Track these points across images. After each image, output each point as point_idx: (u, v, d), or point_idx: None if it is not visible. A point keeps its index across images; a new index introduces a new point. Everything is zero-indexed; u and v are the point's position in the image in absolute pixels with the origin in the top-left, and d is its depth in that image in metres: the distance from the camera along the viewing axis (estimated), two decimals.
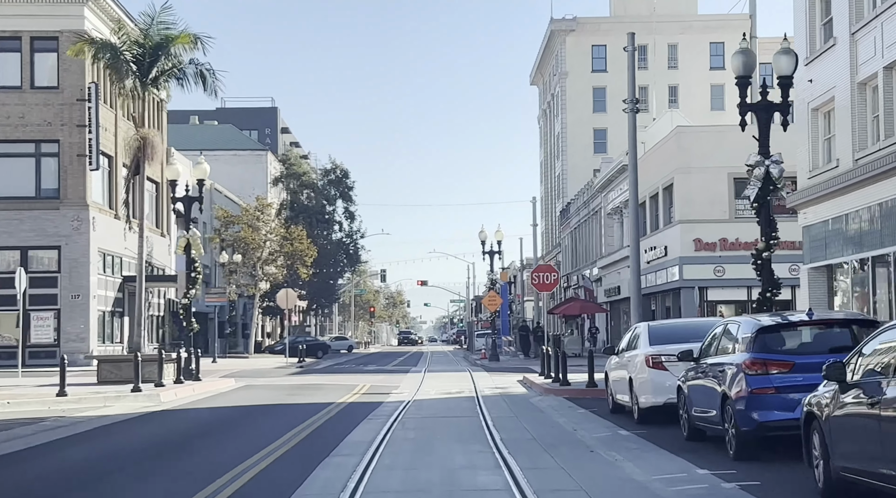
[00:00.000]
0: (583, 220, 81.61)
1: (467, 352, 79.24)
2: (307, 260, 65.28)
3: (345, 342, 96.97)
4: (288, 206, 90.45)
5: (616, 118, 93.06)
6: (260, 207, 64.22)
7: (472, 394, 28.96)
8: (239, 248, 63.54)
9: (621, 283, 64.85)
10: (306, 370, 47.10)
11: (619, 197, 66.38)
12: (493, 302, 53.54)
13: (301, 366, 53.95)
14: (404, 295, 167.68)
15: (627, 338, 20.95)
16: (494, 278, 54.30)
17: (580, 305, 58.20)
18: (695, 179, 52.02)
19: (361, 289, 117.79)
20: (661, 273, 56.03)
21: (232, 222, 63.73)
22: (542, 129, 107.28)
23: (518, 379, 36.37)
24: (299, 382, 35.05)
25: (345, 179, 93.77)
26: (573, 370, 35.40)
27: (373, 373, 41.67)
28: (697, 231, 51.96)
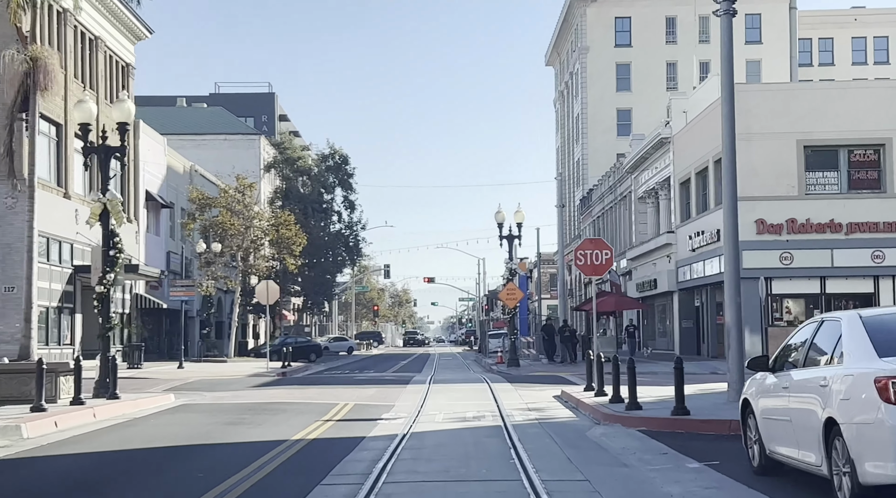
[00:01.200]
0: (608, 207, 72.09)
1: (479, 354, 69.65)
2: (296, 249, 55.87)
3: (344, 343, 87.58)
4: (282, 194, 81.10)
5: (642, 97, 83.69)
6: (241, 188, 54.80)
7: (498, 420, 19.60)
8: (216, 234, 54.12)
9: (657, 275, 55.27)
10: (284, 379, 37.67)
11: (655, 177, 56.85)
12: (512, 296, 44.13)
13: (283, 372, 44.65)
14: (410, 293, 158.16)
15: (805, 339, 11.20)
16: (513, 268, 44.88)
17: (615, 299, 48.73)
18: (757, 148, 42.51)
19: (363, 285, 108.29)
20: (710, 262, 46.48)
21: (209, 205, 54.32)
22: (559, 112, 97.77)
23: (553, 393, 26.97)
24: (261, 399, 25.62)
25: (344, 166, 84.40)
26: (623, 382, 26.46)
27: (365, 384, 32.07)
28: (760, 210, 42.47)
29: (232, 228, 53.20)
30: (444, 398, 25.51)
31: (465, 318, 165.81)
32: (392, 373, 44.79)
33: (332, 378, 37.26)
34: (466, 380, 34.23)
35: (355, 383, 32.27)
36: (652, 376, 35.31)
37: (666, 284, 53.33)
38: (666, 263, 54.06)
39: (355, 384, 31.57)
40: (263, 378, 38.64)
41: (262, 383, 33.51)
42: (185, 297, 45.62)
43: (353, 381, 34.30)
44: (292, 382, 35.03)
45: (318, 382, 34.27)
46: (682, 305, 52.46)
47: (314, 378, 37.90)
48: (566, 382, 32.64)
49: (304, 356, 62.68)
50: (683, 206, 52.27)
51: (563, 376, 36.09)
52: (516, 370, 42.89)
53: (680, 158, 51.86)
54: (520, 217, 45.14)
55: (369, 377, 37.63)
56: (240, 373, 42.82)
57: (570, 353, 46.22)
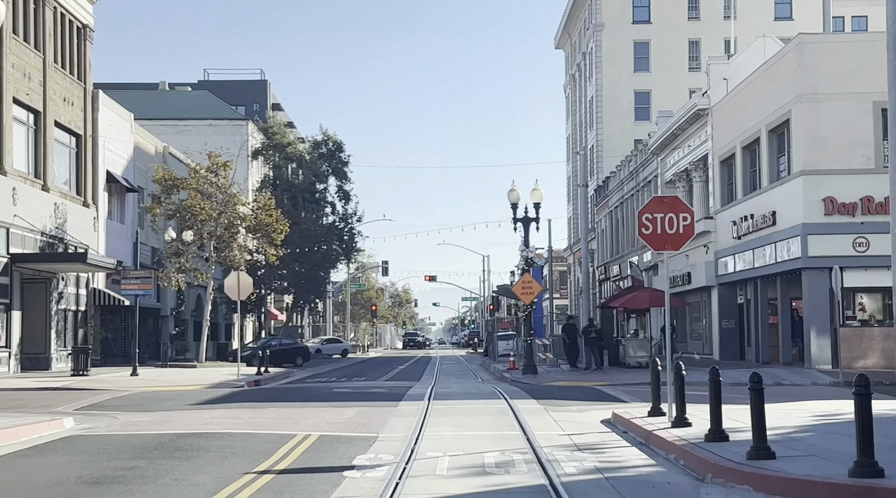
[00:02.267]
0: (628, 195, 64.33)
1: (486, 359, 61.81)
2: (276, 238, 48.09)
3: (338, 346, 79.79)
4: (270, 183, 73.37)
5: (662, 78, 75.85)
6: (213, 168, 46.97)
7: (537, 473, 12.07)
8: (185, 220, 46.34)
9: (691, 268, 47.54)
10: (249, 392, 29.85)
11: (688, 156, 49.12)
12: (528, 290, 36.38)
13: (256, 380, 36.99)
14: (411, 294, 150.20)
15: None
16: (530, 256, 37.09)
17: (649, 294, 40.92)
18: (825, 111, 34.81)
19: (361, 283, 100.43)
20: (763, 251, 38.78)
21: (176, 187, 46.51)
22: (570, 98, 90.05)
23: (599, 416, 19.33)
24: (193, 427, 17.88)
25: (338, 153, 76.57)
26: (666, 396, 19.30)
27: (346, 400, 23.90)
28: (829, 186, 34.77)
29: (202, 213, 45.37)
30: (449, 426, 17.78)
31: (468, 319, 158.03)
32: (385, 381, 37.06)
33: (310, 390, 29.44)
34: (477, 394, 26.38)
35: (334, 399, 24.45)
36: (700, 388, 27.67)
37: (703, 279, 45.60)
38: (702, 254, 46.35)
39: (333, 401, 23.76)
40: (225, 389, 30.92)
41: (217, 398, 25.74)
42: (139, 290, 37.86)
43: (332, 395, 26.45)
44: (257, 395, 27.24)
45: (289, 396, 26.47)
46: (722, 302, 44.74)
47: (287, 390, 30.11)
48: (607, 397, 24.89)
49: (290, 360, 54.98)
50: (725, 188, 44.54)
51: (598, 388, 28.32)
52: (534, 379, 35.15)
53: (721, 132, 44.16)
54: (537, 196, 37.41)
55: (355, 388, 29.82)
56: (202, 382, 35.12)
57: (595, 357, 38.51)
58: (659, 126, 55.38)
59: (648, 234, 16.70)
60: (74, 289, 45.60)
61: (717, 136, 44.68)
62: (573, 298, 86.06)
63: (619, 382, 32.34)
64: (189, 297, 63.08)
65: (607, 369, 38.80)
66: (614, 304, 42.62)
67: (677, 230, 16.63)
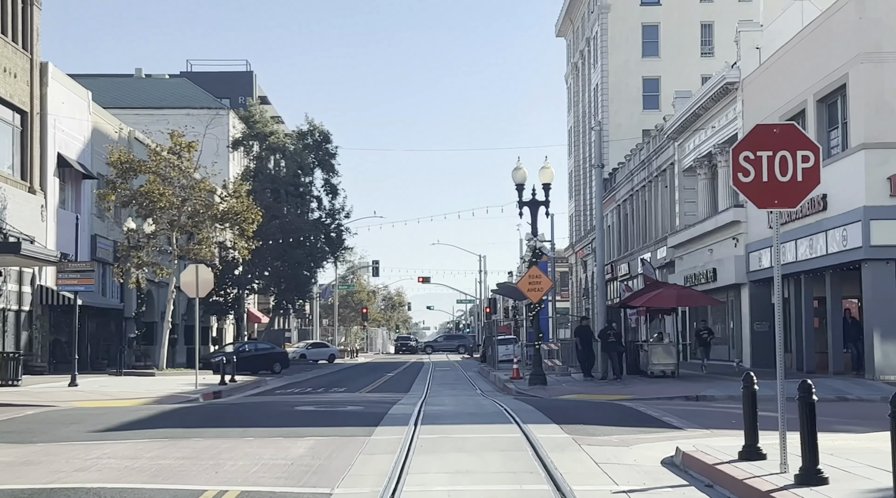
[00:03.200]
0: (638, 187, 58.48)
1: (483, 364, 55.73)
2: (248, 228, 42.03)
3: (325, 350, 73.73)
4: (251, 176, 67.32)
5: (673, 63, 69.76)
6: (176, 149, 40.84)
7: None
8: (142, 208, 40.28)
9: (717, 264, 41.60)
10: (192, 411, 23.63)
11: (712, 139, 43.24)
12: (536, 285, 30.40)
13: (216, 392, 31.12)
14: (405, 297, 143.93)
15: None
16: (538, 246, 31.02)
17: (676, 292, 34.86)
18: (892, 73, 28.93)
19: (350, 284, 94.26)
20: (807, 241, 32.88)
21: (133, 170, 40.43)
22: (572, 88, 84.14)
23: (659, 453, 13.34)
24: (57, 475, 11.93)
25: (325, 144, 70.58)
26: (712, 421, 16.97)
27: (303, 426, 17.53)
28: None
29: (162, 200, 39.30)
30: (442, 473, 11.78)
31: (463, 323, 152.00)
32: (367, 393, 31.11)
33: (268, 407, 23.32)
34: (478, 414, 20.24)
35: (291, 422, 18.30)
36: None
37: (731, 275, 39.65)
38: (730, 248, 40.42)
39: (289, 425, 17.65)
40: (168, 405, 24.96)
41: (140, 420, 19.67)
42: (78, 286, 31.83)
43: (291, 415, 20.24)
44: (197, 416, 21.13)
45: (237, 416, 20.38)
46: (754, 301, 38.79)
47: (242, 407, 24.04)
48: (647, 419, 18.90)
49: (267, 367, 49.01)
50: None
51: (628, 405, 22.34)
52: (544, 391, 29.18)
53: (754, 108, 38.27)
54: (547, 175, 31.41)
55: (326, 404, 23.70)
56: (150, 394, 29.17)
57: (614, 365, 32.56)
58: (676, 108, 49.49)
59: (749, 182, 10.78)
60: (17, 286, 39.59)
61: (748, 112, 38.77)
62: (575, 301, 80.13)
63: (648, 396, 26.43)
64: (160, 296, 57.01)
65: (626, 379, 32.88)
66: (635, 303, 36.63)
67: (794, 177, 10.67)
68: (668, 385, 30.33)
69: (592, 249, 75.61)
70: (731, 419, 18.83)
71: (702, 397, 26.11)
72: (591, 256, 75.37)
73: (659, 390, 28.37)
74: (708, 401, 25.71)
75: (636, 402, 24.21)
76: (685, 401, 25.84)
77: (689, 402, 25.51)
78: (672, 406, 22.49)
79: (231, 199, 42.10)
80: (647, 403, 23.34)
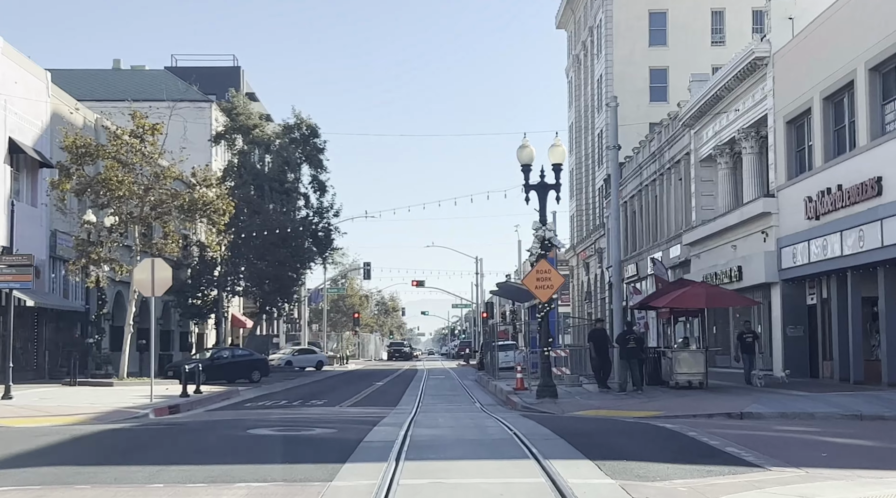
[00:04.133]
0: (647, 181, 53.90)
1: (480, 372, 50.96)
2: (219, 220, 37.28)
3: (312, 357, 69.02)
4: (235, 173, 62.70)
5: (681, 53, 65.10)
6: (138, 132, 36.10)
7: None
8: (98, 197, 35.55)
9: (742, 261, 36.97)
10: (119, 434, 18.63)
11: (735, 123, 38.66)
12: (545, 282, 25.76)
13: (173, 406, 26.55)
14: (399, 302, 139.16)
15: None
16: (548, 236, 26.32)
17: (705, 291, 30.12)
18: None
19: (340, 287, 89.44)
20: (859, 232, 28.24)
21: (90, 155, 35.72)
22: (573, 82, 79.58)
23: None
24: None
25: (312, 139, 65.90)
26: (789, 451, 12.24)
27: (243, 464, 12.63)
28: None
29: (121, 188, 34.59)
30: None
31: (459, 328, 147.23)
32: (347, 407, 26.47)
33: (219, 429, 18.41)
34: (481, 441, 15.39)
35: (229, 457, 13.36)
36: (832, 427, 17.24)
37: (760, 273, 35.01)
38: (758, 243, 35.81)
39: (224, 462, 12.81)
40: (102, 424, 20.31)
41: (43, 447, 14.98)
42: (13, 283, 27.13)
43: (236, 445, 15.22)
44: (121, 444, 16.26)
45: (171, 446, 15.59)
46: (786, 302, 34.16)
47: (187, 429, 19.20)
48: (704, 449, 14.20)
49: (244, 375, 44.25)
50: (792, 156, 34.03)
51: (670, 428, 17.56)
52: (556, 405, 24.54)
53: (787, 85, 33.73)
54: (558, 154, 26.78)
55: (291, 425, 18.85)
56: (94, 408, 24.60)
57: (634, 375, 27.93)
58: (692, 93, 44.92)
59: None
60: None
61: (780, 90, 34.24)
62: (576, 305, 75.52)
63: (682, 413, 21.84)
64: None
65: (647, 391, 28.26)
66: (657, 303, 31.89)
67: None
68: (700, 398, 25.73)
69: (595, 250, 71.08)
70: (817, 449, 14.21)
71: (747, 415, 21.51)
72: (594, 258, 70.79)
73: (692, 405, 23.76)
74: (755, 419, 21.12)
75: (672, 421, 19.59)
76: (728, 419, 21.23)
77: (734, 421, 20.92)
78: (721, 428, 17.87)
79: (200, 188, 37.34)
80: (688, 424, 18.73)
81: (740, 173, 39.58)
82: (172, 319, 59.12)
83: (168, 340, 60.36)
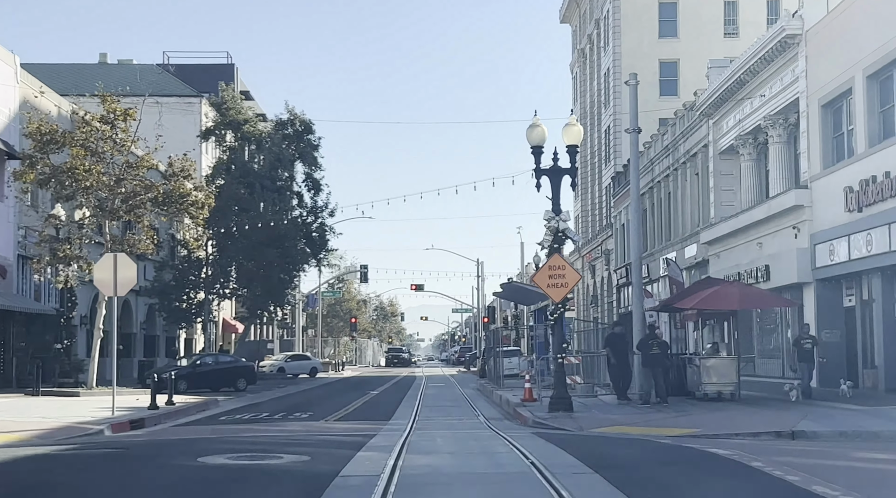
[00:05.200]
0: (659, 177, 50.60)
1: (482, 380, 47.53)
2: (197, 213, 33.93)
3: (306, 363, 65.64)
4: (224, 169, 59.38)
5: (692, 45, 61.82)
6: (108, 118, 32.77)
7: None
8: (62, 188, 32.21)
9: (770, 260, 33.58)
10: (43, 462, 15.31)
11: (760, 111, 35.36)
12: (558, 279, 22.45)
13: (136, 421, 23.27)
14: (398, 307, 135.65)
15: None
16: (562, 228, 22.90)
17: (738, 291, 26.71)
18: None
19: (336, 290, 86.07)
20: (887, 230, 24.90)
21: (56, 143, 32.39)
22: (578, 77, 76.34)
23: None
24: None
25: (307, 135, 62.60)
26: None
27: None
28: None
29: (88, 179, 31.25)
30: None
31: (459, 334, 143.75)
32: (332, 424, 23.11)
33: (163, 456, 14.87)
34: (492, 481, 11.73)
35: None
36: None
37: (791, 273, 31.61)
38: (788, 240, 32.43)
39: None
40: (37, 446, 16.95)
41: None
42: None
43: (181, 481, 11.92)
44: (7, 482, 12.87)
45: (92, 483, 12.22)
46: (822, 305, 30.77)
47: (127, 456, 15.69)
48: (780, 488, 10.86)
49: (230, 383, 40.89)
50: (828, 142, 30.69)
51: (722, 455, 14.10)
52: (572, 421, 21.20)
53: (823, 64, 30.42)
54: (573, 135, 23.49)
55: (256, 451, 15.38)
56: (44, 422, 21.36)
57: (659, 385, 24.60)
58: (710, 80, 41.64)
59: None
60: None
61: (814, 71, 30.92)
62: (582, 310, 72.16)
63: (722, 431, 18.53)
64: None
65: (673, 402, 24.92)
66: (683, 304, 28.49)
67: None
68: (737, 413, 22.41)
69: (602, 252, 67.76)
70: None
71: (800, 434, 18.21)
72: (600, 260, 67.52)
73: (731, 421, 20.45)
74: (811, 439, 17.83)
75: (716, 442, 16.29)
76: (778, 439, 17.95)
77: (786, 441, 17.64)
78: (782, 453, 14.54)
79: (177, 179, 33.94)
80: (736, 446, 15.42)
81: (766, 164, 36.26)
82: (157, 323, 55.72)
83: (153, 345, 57.00)
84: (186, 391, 38.08)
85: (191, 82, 75.99)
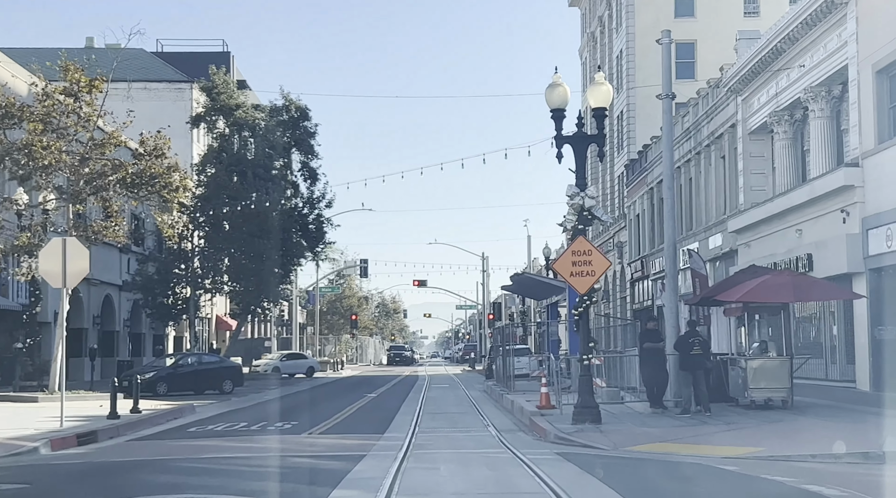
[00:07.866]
0: (680, 162, 46.75)
1: (489, 382, 43.69)
2: (171, 196, 30.16)
3: (302, 363, 61.95)
4: (214, 158, 55.64)
5: (710, 25, 58.11)
6: (71, 90, 28.98)
7: None
8: (18, 168, 28.47)
9: (814, 248, 29.67)
10: None
11: (799, 83, 31.52)
12: (583, 267, 18.81)
13: (88, 434, 19.65)
14: (400, 304, 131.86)
15: None
16: (588, 205, 19.17)
17: (791, 281, 22.88)
18: None
19: (334, 286, 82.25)
20: None
21: (12, 117, 28.62)
22: (587, 62, 72.62)
23: None
24: None
25: (303, 122, 58.91)
26: None
27: None
28: None
29: (46, 156, 27.53)
30: None
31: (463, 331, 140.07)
32: (315, 438, 19.36)
33: (73, 495, 11.44)
34: None
35: None
36: None
37: (841, 262, 27.75)
38: (835, 225, 28.59)
39: None
40: None
41: None
42: None
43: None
44: None
45: None
46: (875, 297, 26.99)
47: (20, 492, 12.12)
48: None
49: (214, 385, 37.17)
50: (884, 114, 26.84)
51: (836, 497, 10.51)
52: (603, 436, 17.47)
53: (877, 25, 26.59)
54: (601, 96, 19.85)
55: (194, 489, 11.92)
56: None
57: (699, 391, 20.85)
58: (739, 53, 37.87)
59: None
60: None
61: (866, 33, 27.12)
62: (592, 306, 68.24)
63: (791, 451, 14.82)
64: (90, 295, 45.23)
65: (715, 411, 21.16)
66: (725, 296, 24.68)
67: None
68: (797, 425, 18.66)
69: (614, 245, 63.95)
70: None
71: (892, 457, 14.45)
72: (612, 253, 63.70)
73: (795, 437, 16.71)
74: None
75: (792, 469, 12.62)
76: (867, 462, 14.21)
77: (876, 464, 13.91)
78: None
79: (149, 158, 30.15)
80: (824, 476, 11.72)
81: (804, 143, 32.49)
82: (142, 320, 51.99)
83: (138, 343, 53.32)
84: (166, 394, 34.46)
85: (184, 71, 72.25)
